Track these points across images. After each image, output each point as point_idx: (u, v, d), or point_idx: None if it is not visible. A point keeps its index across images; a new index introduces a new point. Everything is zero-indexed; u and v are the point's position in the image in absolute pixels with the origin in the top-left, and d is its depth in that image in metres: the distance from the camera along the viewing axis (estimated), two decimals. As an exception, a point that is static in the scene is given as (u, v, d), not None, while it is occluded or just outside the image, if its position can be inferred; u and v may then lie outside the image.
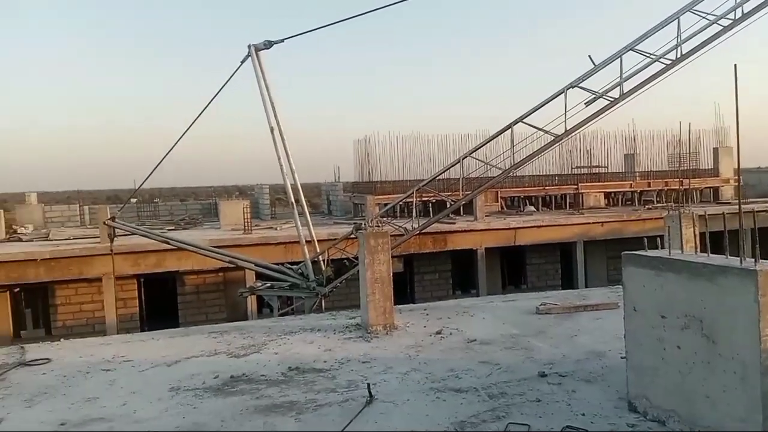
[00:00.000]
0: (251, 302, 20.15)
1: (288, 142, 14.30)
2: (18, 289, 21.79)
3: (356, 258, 13.39)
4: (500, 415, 5.48)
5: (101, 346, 8.51)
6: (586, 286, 22.62)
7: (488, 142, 13.36)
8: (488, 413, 5.54)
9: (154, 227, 23.49)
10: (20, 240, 22.78)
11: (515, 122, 12.34)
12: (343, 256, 14.66)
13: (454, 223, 22.91)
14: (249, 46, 13.67)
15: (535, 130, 12.37)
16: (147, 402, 6.11)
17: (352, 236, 14.11)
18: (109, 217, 15.75)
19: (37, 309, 22.51)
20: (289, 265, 14.99)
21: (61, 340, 9.04)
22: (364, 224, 12.90)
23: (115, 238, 15.34)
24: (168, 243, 15.82)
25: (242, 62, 13.76)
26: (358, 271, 11.06)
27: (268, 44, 13.59)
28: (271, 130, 14.11)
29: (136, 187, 17.90)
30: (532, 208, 28.35)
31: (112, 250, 15.42)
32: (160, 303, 23.16)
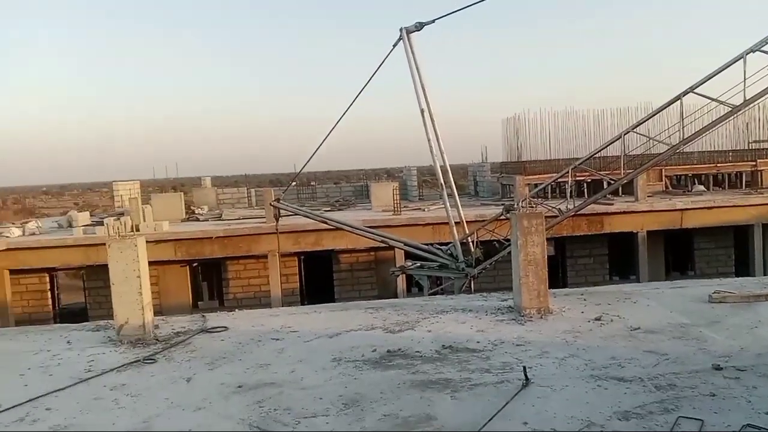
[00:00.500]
0: (401, 281, 20.68)
1: (437, 123, 14.38)
2: (196, 264, 24.24)
3: (506, 240, 13.18)
4: (669, 408, 5.14)
5: (270, 317, 9.23)
6: (765, 274, 20.31)
7: (653, 115, 12.39)
8: (655, 405, 5.22)
9: (312, 208, 24.86)
10: (198, 220, 25.30)
11: (685, 93, 11.31)
12: (492, 238, 14.50)
13: (612, 204, 21.66)
14: (401, 29, 13.87)
15: (709, 101, 11.25)
16: (312, 371, 6.55)
17: (502, 217, 13.89)
18: (274, 198, 16.92)
19: (212, 282, 24.92)
20: (438, 246, 15.14)
21: (236, 310, 9.95)
22: (515, 205, 12.64)
23: (279, 218, 16.46)
24: (326, 223, 16.68)
25: (394, 45, 14.00)
26: (508, 252, 10.91)
27: (419, 26, 13.69)
28: (422, 112, 14.24)
29: (297, 171, 19.05)
30: (702, 188, 25.93)
31: (277, 229, 16.58)
32: (318, 279, 24.58)
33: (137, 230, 19.95)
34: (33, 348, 7.81)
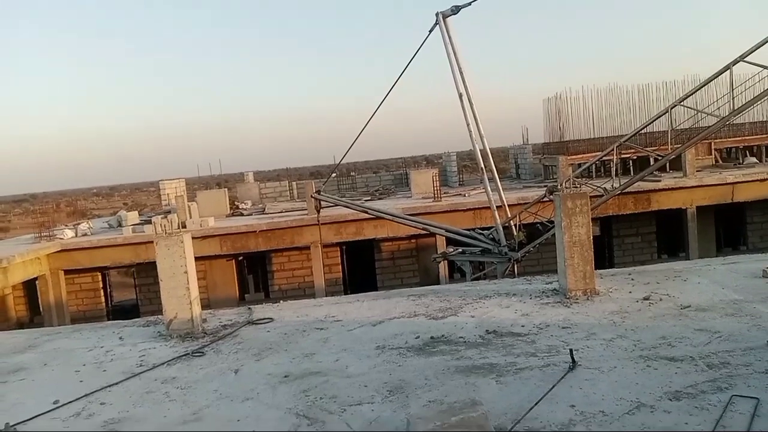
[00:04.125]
0: (443, 267, 20.60)
1: (475, 107, 14.19)
2: (241, 258, 24.68)
3: (549, 222, 12.94)
4: (722, 387, 4.97)
5: (314, 307, 9.32)
6: (826, 247, 19.44)
7: (702, 87, 11.88)
8: (707, 384, 5.06)
9: (353, 198, 24.96)
10: (242, 214, 25.72)
11: (735, 62, 10.82)
12: (536, 221, 14.27)
13: (659, 181, 21.04)
14: (437, 14, 13.70)
15: (760, 69, 10.75)
16: (357, 359, 6.58)
17: (545, 199, 13.64)
18: (315, 190, 17.05)
19: (257, 275, 25.35)
20: (480, 231, 14.99)
21: (281, 301, 10.08)
22: (558, 186, 12.38)
23: (321, 210, 16.59)
24: (367, 212, 16.72)
25: (431, 30, 13.84)
26: (552, 235, 10.70)
27: (456, 9, 13.49)
28: (460, 96, 14.08)
29: (336, 162, 19.13)
30: (754, 160, 24.91)
31: (318, 221, 16.70)
32: (360, 269, 24.72)
33: (184, 227, 20.44)
34: (87, 345, 8.09)
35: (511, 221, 14.17)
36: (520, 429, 4.57)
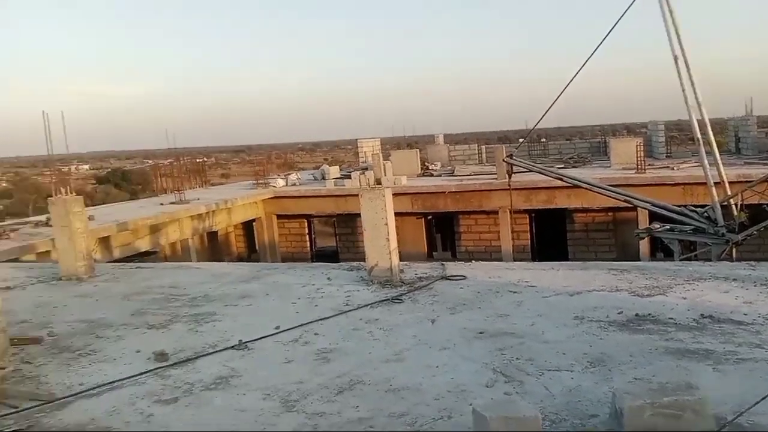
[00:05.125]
0: (645, 244, 19.22)
1: (692, 72, 12.80)
2: (430, 217, 25.33)
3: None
4: None
5: (506, 270, 9.30)
6: None
7: None
8: None
9: (545, 165, 24.17)
10: (432, 175, 26.29)
11: None
12: (761, 201, 12.65)
13: None
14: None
15: None
16: (553, 326, 6.47)
17: (777, 177, 12.00)
18: (507, 155, 16.81)
19: (444, 235, 25.87)
20: (692, 208, 13.67)
21: (473, 261, 10.21)
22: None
23: (512, 175, 16.33)
24: (562, 180, 16.12)
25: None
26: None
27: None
28: (675, 59, 12.81)
29: (530, 128, 18.58)
30: None
31: (509, 186, 16.50)
32: (549, 238, 24.00)
33: (379, 183, 21.49)
34: (300, 281, 8.97)
35: (731, 200, 12.71)
36: (744, 422, 4.17)
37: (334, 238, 27.71)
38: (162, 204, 20.80)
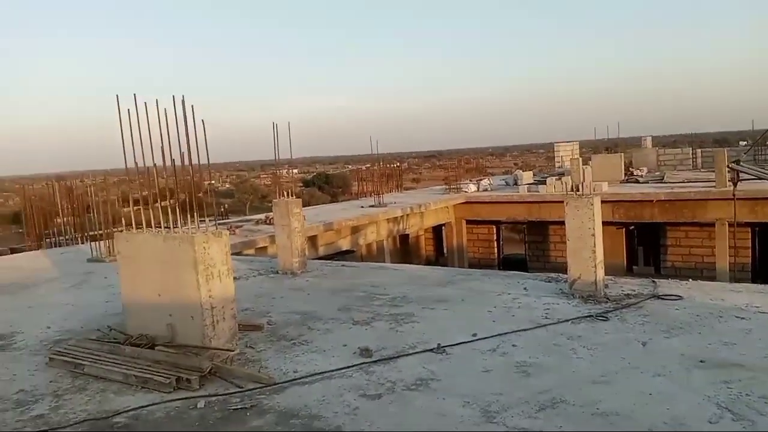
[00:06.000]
0: None
1: None
2: (633, 227, 23.56)
3: None
4: None
5: (730, 292, 8.27)
6: None
7: None
8: None
9: (775, 172, 21.12)
10: (637, 181, 24.43)
11: None
12: None
13: None
14: None
15: None
16: (794, 361, 5.58)
17: None
18: (732, 160, 14.99)
19: (647, 248, 23.89)
20: None
21: (689, 280, 9.24)
22: None
23: (738, 183, 14.53)
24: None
25: None
26: None
27: None
28: None
29: (758, 129, 16.35)
30: None
31: (734, 195, 14.68)
32: (778, 257, 20.98)
33: (577, 190, 20.49)
34: (496, 289, 8.85)
35: None
36: None
37: (523, 246, 27.07)
38: (362, 207, 22.03)
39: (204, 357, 6.05)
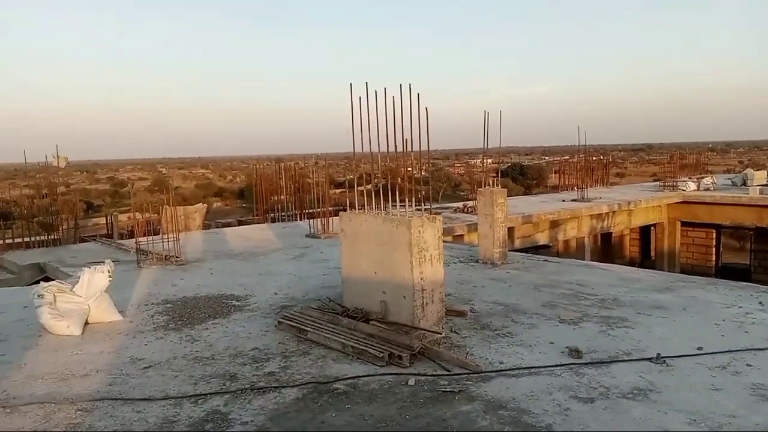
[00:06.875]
0: None
1: None
2: None
3: None
4: None
5: None
6: None
7: None
8: None
9: None
10: None
11: None
12: None
13: None
14: None
15: None
16: None
17: None
18: None
19: None
20: None
21: None
22: None
23: None
24: None
25: None
26: None
27: None
28: None
29: None
30: None
31: None
32: None
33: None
34: (724, 301, 7.95)
35: None
36: None
37: (748, 254, 23.91)
38: (564, 200, 21.20)
39: (414, 336, 6.31)
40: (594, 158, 28.43)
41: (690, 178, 24.57)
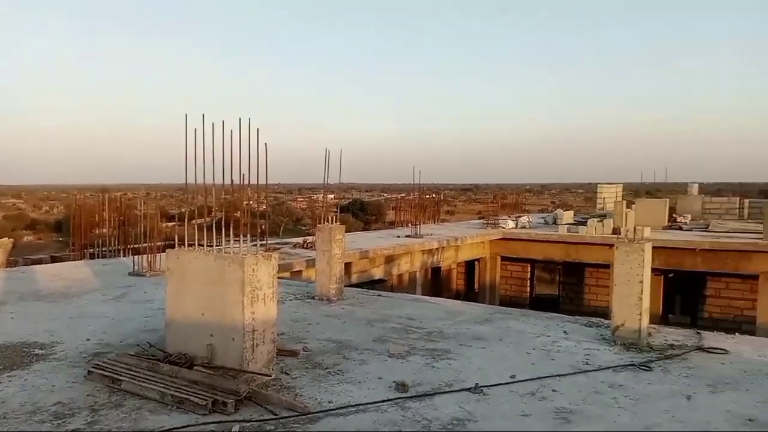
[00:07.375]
0: None
1: None
2: (671, 275, 22.98)
3: None
4: None
5: (781, 350, 7.95)
6: None
7: None
8: None
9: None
10: (680, 229, 23.90)
11: None
12: None
13: None
14: None
15: None
16: None
17: None
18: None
19: (685, 296, 23.25)
20: None
21: (736, 334, 8.93)
22: None
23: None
24: None
25: None
26: None
27: None
28: None
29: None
30: None
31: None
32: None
33: (617, 233, 20.11)
34: (534, 330, 8.70)
35: None
36: None
37: (554, 286, 26.62)
38: (398, 237, 22.02)
39: (241, 380, 6.06)
40: (427, 196, 29.96)
41: (509, 216, 26.91)
